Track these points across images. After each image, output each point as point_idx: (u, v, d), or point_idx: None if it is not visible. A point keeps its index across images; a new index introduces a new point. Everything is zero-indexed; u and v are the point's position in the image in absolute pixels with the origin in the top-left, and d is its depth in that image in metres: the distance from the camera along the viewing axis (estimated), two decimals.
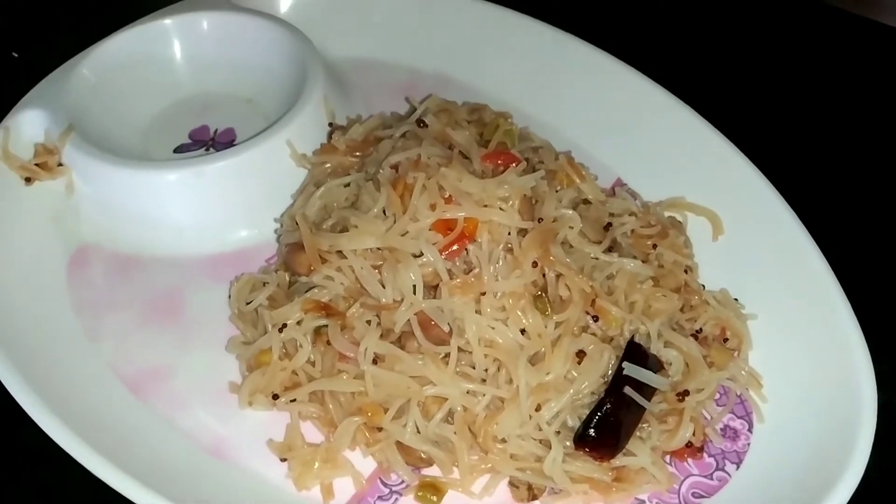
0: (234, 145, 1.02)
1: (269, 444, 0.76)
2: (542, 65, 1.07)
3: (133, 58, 1.04)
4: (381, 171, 0.82)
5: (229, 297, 0.86)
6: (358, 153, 0.91)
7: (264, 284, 0.83)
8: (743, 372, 0.79)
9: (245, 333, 0.82)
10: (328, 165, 0.92)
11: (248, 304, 0.83)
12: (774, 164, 0.92)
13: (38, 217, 0.92)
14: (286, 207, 0.93)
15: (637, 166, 0.98)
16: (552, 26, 1.08)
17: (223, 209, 0.93)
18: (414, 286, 0.74)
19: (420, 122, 0.89)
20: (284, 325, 0.77)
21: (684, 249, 0.86)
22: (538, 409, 0.71)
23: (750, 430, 0.77)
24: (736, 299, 0.85)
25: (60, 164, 0.94)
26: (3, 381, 0.75)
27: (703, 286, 0.84)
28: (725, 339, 0.81)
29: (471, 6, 1.11)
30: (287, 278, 0.84)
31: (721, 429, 0.77)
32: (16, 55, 1.21)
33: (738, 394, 0.79)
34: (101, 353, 0.84)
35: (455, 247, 0.75)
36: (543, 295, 0.75)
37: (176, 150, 1.03)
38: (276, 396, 0.76)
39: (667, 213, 0.92)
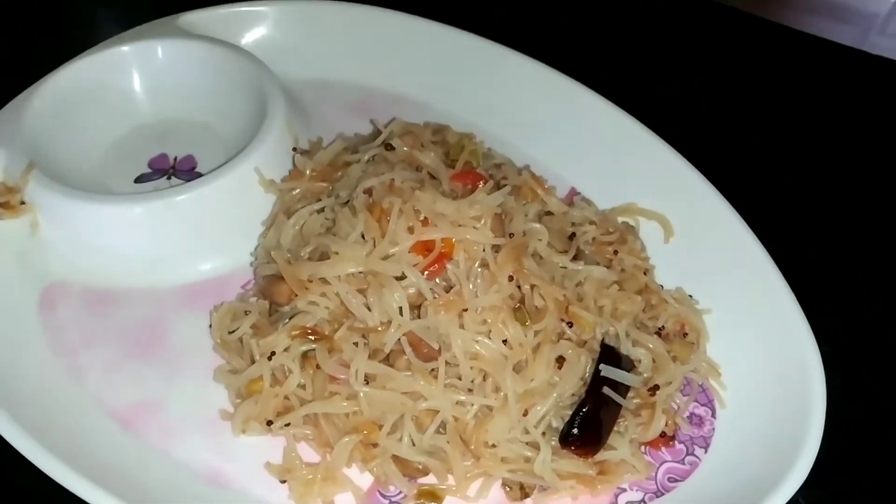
0: (195, 172, 1.04)
1: (267, 468, 0.78)
2: (492, 82, 1.11)
3: (87, 87, 1.03)
4: (355, 196, 0.85)
5: (210, 326, 0.88)
6: (326, 178, 0.94)
7: (246, 313, 0.85)
8: (703, 363, 0.86)
9: (231, 362, 0.84)
10: (297, 191, 0.94)
11: (230, 332, 0.84)
12: (716, 168, 1.00)
13: (2, 258, 0.91)
14: (258, 234, 0.95)
15: (589, 176, 1.03)
16: (501, 45, 1.13)
17: (195, 239, 0.93)
18: (400, 308, 0.77)
19: (387, 146, 0.92)
20: (273, 353, 0.79)
21: (641, 253, 0.93)
22: (525, 413, 0.76)
23: (714, 415, 0.84)
24: (690, 296, 0.91)
25: (23, 203, 0.93)
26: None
27: (662, 286, 0.91)
28: (685, 334, 0.88)
29: (420, 26, 1.15)
30: (267, 305, 0.86)
31: (687, 416, 0.84)
32: None
33: (700, 383, 0.86)
34: (86, 391, 0.84)
35: (435, 267, 0.79)
36: (522, 306, 0.80)
37: (137, 181, 1.03)
38: (270, 423, 0.79)
39: (620, 219, 0.98)
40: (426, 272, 0.79)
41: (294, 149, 1.00)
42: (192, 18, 1.13)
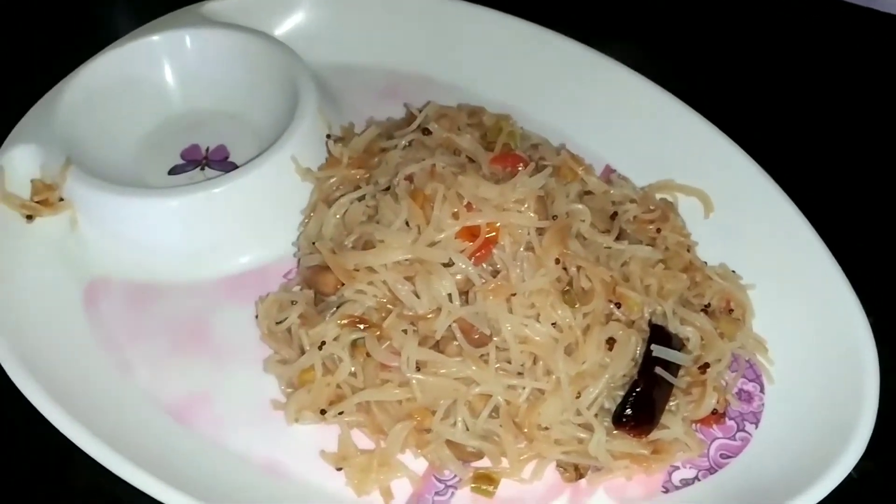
0: (228, 162, 1.04)
1: (322, 456, 0.79)
2: (522, 61, 1.10)
3: (118, 79, 1.03)
4: (395, 182, 0.85)
5: (256, 316, 0.88)
6: (362, 165, 0.93)
7: (292, 303, 0.85)
8: (749, 339, 0.86)
9: (279, 352, 0.84)
10: (334, 179, 0.94)
11: (278, 323, 0.85)
12: (753, 140, 0.99)
13: (44, 255, 0.92)
14: (296, 223, 0.95)
15: (624, 152, 1.03)
16: (530, 22, 1.11)
17: (234, 230, 0.94)
18: (449, 295, 0.77)
19: (424, 130, 0.91)
20: (323, 343, 0.80)
21: (683, 230, 0.92)
22: (578, 396, 0.76)
23: (762, 391, 0.84)
24: (733, 271, 0.91)
25: (61, 199, 0.93)
26: (55, 424, 0.76)
27: (705, 263, 0.91)
28: (730, 311, 0.87)
29: (447, 6, 1.14)
30: (312, 295, 0.86)
31: (736, 393, 0.84)
32: None
33: (747, 359, 0.86)
34: (136, 385, 0.85)
35: (481, 252, 0.79)
36: (570, 289, 0.79)
37: (170, 172, 1.03)
38: (323, 412, 0.79)
39: (658, 196, 0.98)
40: (473, 258, 0.79)
41: (328, 136, 1.00)
42: (214, 7, 1.12)
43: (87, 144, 0.99)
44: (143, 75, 1.05)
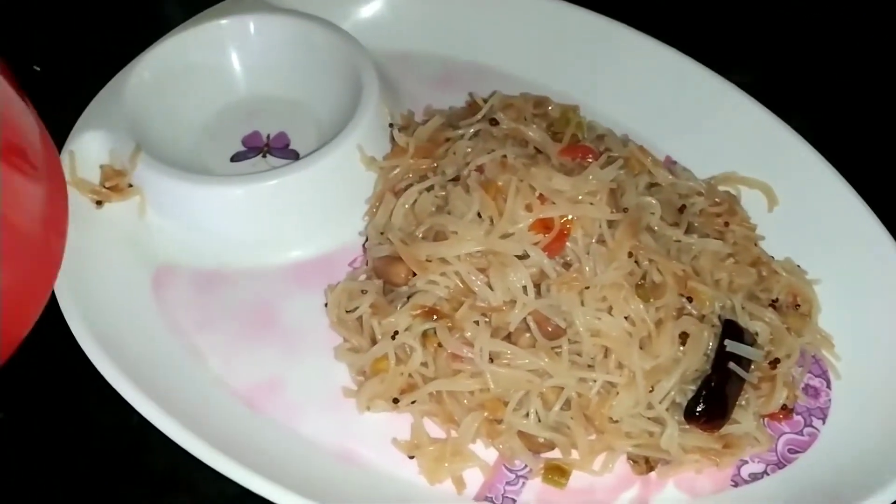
0: (289, 149, 1.04)
1: (394, 444, 0.80)
2: (579, 49, 1.09)
3: (183, 64, 1.03)
4: (466, 173, 0.85)
5: (325, 305, 0.89)
6: (428, 155, 0.93)
7: (363, 292, 0.86)
8: (817, 334, 0.86)
9: (350, 340, 0.85)
10: (399, 169, 0.94)
11: (348, 312, 0.86)
12: (818, 131, 0.98)
13: (113, 241, 0.93)
14: (360, 212, 0.95)
15: (685, 143, 1.02)
16: (587, 10, 1.11)
17: (301, 218, 0.94)
18: (524, 287, 0.78)
19: (491, 121, 0.91)
20: (396, 332, 0.81)
21: (750, 223, 0.92)
22: (651, 390, 0.77)
23: (829, 387, 0.84)
24: (798, 265, 0.91)
25: (130, 185, 0.94)
26: (138, 408, 0.78)
27: (772, 257, 0.91)
28: (797, 306, 0.87)
29: None
30: (381, 284, 0.87)
31: (802, 388, 0.84)
32: (38, 69, 1.18)
33: (813, 354, 0.86)
34: (208, 371, 0.86)
35: (555, 245, 0.80)
36: (643, 283, 0.80)
37: (233, 159, 1.03)
38: (395, 400, 0.80)
39: (720, 188, 0.97)
40: (546, 250, 0.79)
41: (390, 125, 1.00)
42: None
43: (153, 129, 0.99)
44: (207, 60, 1.05)
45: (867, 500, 0.72)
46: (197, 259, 0.94)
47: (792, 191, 0.96)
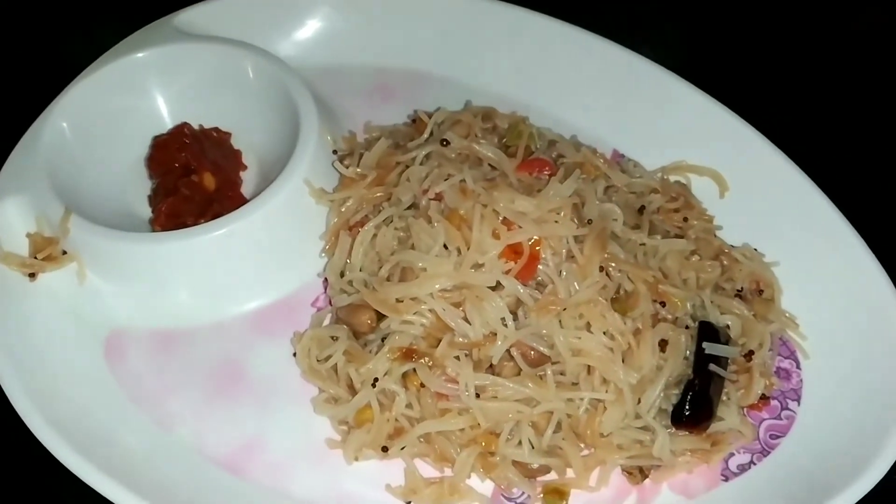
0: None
1: (389, 490, 0.79)
2: (514, 47, 1.08)
3: (98, 109, 0.97)
4: (426, 203, 0.83)
5: (294, 354, 0.86)
6: (380, 182, 0.90)
7: (333, 338, 0.83)
8: (781, 317, 0.88)
9: (326, 391, 0.82)
10: (351, 201, 0.90)
11: (320, 360, 0.83)
12: (760, 114, 0.99)
13: (56, 313, 0.87)
14: (316, 248, 0.91)
15: (630, 135, 1.02)
16: (517, 6, 1.08)
17: (256, 264, 0.90)
18: (503, 319, 0.77)
19: (442, 142, 0.89)
20: (376, 380, 0.78)
21: (706, 214, 0.93)
22: (638, 402, 0.77)
23: (798, 367, 0.87)
24: (755, 249, 0.93)
25: (64, 252, 0.88)
26: (106, 494, 0.74)
27: (732, 246, 0.92)
28: (760, 291, 0.89)
29: None
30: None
31: (775, 371, 0.86)
32: None
33: (780, 336, 0.88)
34: (180, 440, 0.82)
35: (526, 269, 0.78)
36: (618, 295, 0.80)
37: None
38: (385, 449, 0.78)
39: (671, 178, 0.98)
40: (519, 277, 0.78)
41: (334, 151, 0.96)
42: (188, 17, 1.06)
43: (80, 184, 0.93)
44: (127, 99, 0.98)
45: (853, 481, 0.74)
46: (149, 321, 0.89)
47: (740, 175, 0.97)
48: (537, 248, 0.79)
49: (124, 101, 0.98)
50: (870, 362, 0.83)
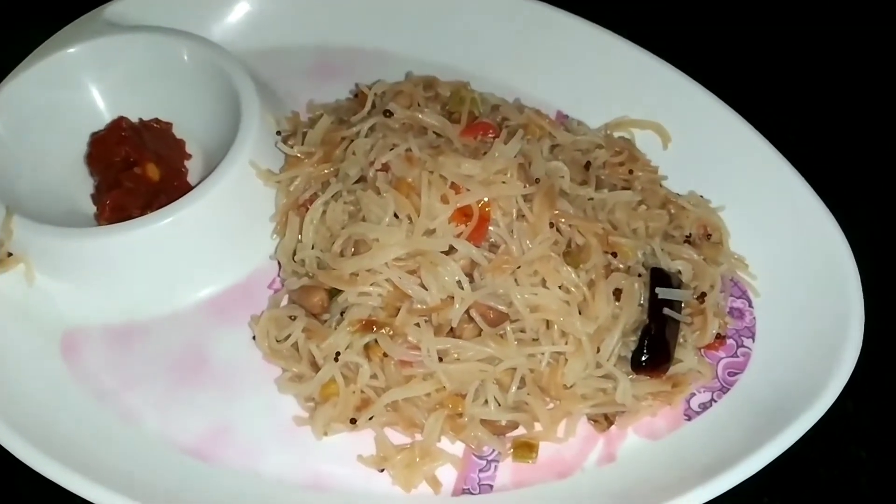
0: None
1: (361, 461, 0.79)
2: (450, 17, 1.08)
3: (33, 106, 0.94)
4: (373, 174, 0.83)
5: (253, 338, 0.85)
6: (326, 160, 0.90)
7: (291, 318, 0.83)
8: (731, 259, 0.90)
9: (290, 369, 0.82)
10: (299, 179, 0.90)
11: (280, 341, 0.83)
12: (696, 62, 1.01)
13: (7, 317, 0.86)
14: (267, 229, 0.91)
15: (572, 96, 1.03)
16: None
17: (207, 251, 0.89)
18: (458, 281, 0.77)
19: (385, 112, 0.89)
20: (338, 353, 0.79)
21: (651, 166, 0.95)
22: (597, 351, 0.79)
23: (750, 306, 0.89)
24: (701, 196, 0.95)
25: (10, 255, 0.86)
26: (77, 491, 0.73)
27: (678, 194, 0.94)
28: (708, 235, 0.91)
29: None
30: None
31: (728, 311, 0.89)
32: None
33: (731, 278, 0.91)
34: (147, 432, 0.81)
35: (477, 231, 0.79)
36: (569, 249, 0.81)
37: None
38: (353, 421, 0.79)
39: (615, 134, 0.99)
40: (471, 239, 0.79)
41: (278, 132, 0.95)
42: (118, 9, 1.04)
43: (19, 183, 0.92)
44: (61, 95, 0.96)
45: (808, 408, 0.77)
46: (105, 316, 0.88)
47: (680, 126, 0.99)
48: (487, 209, 0.80)
49: (59, 97, 0.96)
50: (818, 295, 0.86)
